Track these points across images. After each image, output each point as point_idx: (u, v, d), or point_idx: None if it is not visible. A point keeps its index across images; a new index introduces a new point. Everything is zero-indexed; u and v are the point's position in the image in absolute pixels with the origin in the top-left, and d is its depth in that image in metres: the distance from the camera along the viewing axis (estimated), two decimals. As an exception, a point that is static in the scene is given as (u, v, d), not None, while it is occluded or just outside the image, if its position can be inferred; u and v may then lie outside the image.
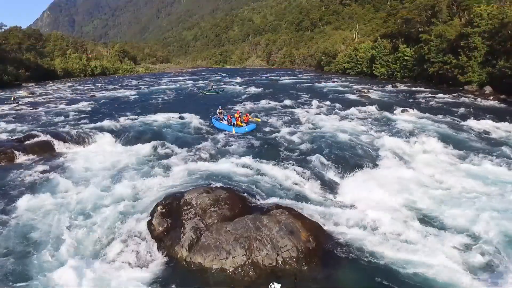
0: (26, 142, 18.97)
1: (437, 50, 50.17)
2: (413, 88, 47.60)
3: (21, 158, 17.29)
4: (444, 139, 20.00)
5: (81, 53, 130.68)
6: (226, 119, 24.20)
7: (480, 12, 43.46)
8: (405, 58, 60.57)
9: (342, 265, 8.78)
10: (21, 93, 58.01)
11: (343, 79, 67.16)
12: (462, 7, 52.44)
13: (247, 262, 8.43)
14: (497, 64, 39.89)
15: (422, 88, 47.12)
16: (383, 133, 21.84)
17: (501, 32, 40.23)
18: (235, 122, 23.35)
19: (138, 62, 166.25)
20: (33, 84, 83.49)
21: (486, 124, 23.99)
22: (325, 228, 10.31)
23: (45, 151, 18.23)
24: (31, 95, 55.50)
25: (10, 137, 21.17)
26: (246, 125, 23.04)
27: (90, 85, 74.53)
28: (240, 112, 25.05)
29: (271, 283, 7.35)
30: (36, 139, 19.36)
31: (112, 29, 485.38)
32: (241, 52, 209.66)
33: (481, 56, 43.11)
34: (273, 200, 11.80)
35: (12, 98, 47.84)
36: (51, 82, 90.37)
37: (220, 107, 26.30)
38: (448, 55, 47.59)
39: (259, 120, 25.23)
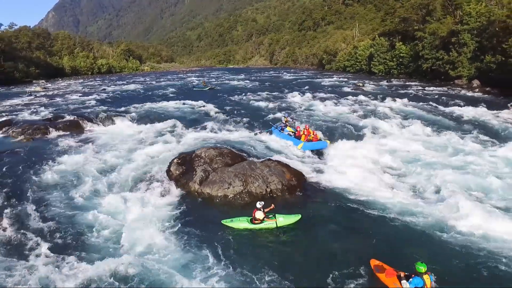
0: (57, 121, 21.97)
1: (431, 47, 52.66)
2: (407, 83, 50.25)
3: (54, 133, 20.27)
4: (422, 120, 22.80)
5: (88, 52, 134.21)
6: (294, 131, 18.73)
7: (469, 11, 46.00)
8: (401, 55, 63.10)
9: (316, 196, 11.64)
10: (35, 88, 61.18)
11: (342, 76, 69.83)
12: (454, 5, 54.89)
13: (243, 191, 11.32)
14: (485, 59, 42.44)
15: (415, 83, 49.74)
16: (369, 115, 24.63)
17: (489, 29, 42.80)
18: (303, 137, 17.50)
19: (143, 61, 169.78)
20: (43, 80, 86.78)
21: (464, 111, 26.49)
22: (306, 176, 13.12)
23: (74, 128, 21.25)
24: (44, 89, 58.71)
25: (40, 118, 24.15)
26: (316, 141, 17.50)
27: (99, 81, 77.66)
28: (309, 128, 18.56)
29: (258, 202, 10.12)
30: (64, 119, 22.40)
31: (116, 29, 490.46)
32: (244, 51, 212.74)
33: (470, 52, 45.64)
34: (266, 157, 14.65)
35: (27, 93, 50.93)
36: (60, 79, 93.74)
37: (286, 115, 20.87)
38: (441, 51, 50.13)
39: (328, 142, 17.90)
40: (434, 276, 7.37)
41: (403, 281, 7.16)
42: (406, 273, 7.45)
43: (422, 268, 7.12)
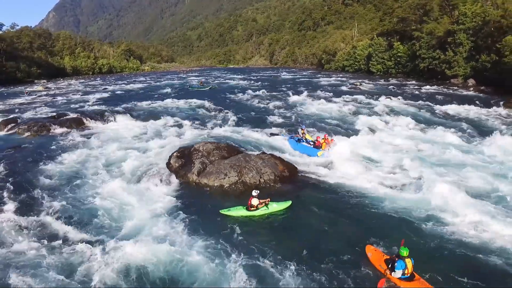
0: (60, 119, 22.74)
1: (427, 47, 53.35)
2: (404, 82, 51.01)
3: (58, 130, 21.05)
4: (414, 117, 23.60)
5: (89, 52, 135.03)
6: (310, 141, 17.78)
7: (465, 11, 46.69)
8: (399, 55, 63.79)
9: (307, 186, 12.38)
10: (36, 87, 61.94)
11: (340, 76, 70.52)
12: (451, 6, 55.55)
13: (238, 181, 12.07)
14: (480, 59, 43.12)
15: (412, 82, 50.49)
16: (364, 113, 25.36)
17: (484, 29, 43.47)
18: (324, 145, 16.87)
19: (143, 61, 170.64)
20: (45, 80, 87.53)
21: (458, 109, 27.26)
22: (299, 168, 13.84)
23: (77, 125, 22.03)
24: (46, 89, 59.45)
25: (44, 116, 24.90)
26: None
27: (100, 81, 78.42)
28: (327, 136, 17.84)
29: (253, 190, 10.87)
30: (67, 116, 23.20)
31: (117, 30, 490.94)
32: (244, 51, 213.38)
33: (466, 51, 46.33)
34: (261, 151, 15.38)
35: (27, 92, 51.37)
36: (61, 79, 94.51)
37: (303, 126, 19.55)
38: (437, 51, 50.82)
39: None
40: (415, 259, 7.95)
41: (394, 272, 7.81)
42: (391, 257, 8.15)
43: (404, 252, 7.79)
